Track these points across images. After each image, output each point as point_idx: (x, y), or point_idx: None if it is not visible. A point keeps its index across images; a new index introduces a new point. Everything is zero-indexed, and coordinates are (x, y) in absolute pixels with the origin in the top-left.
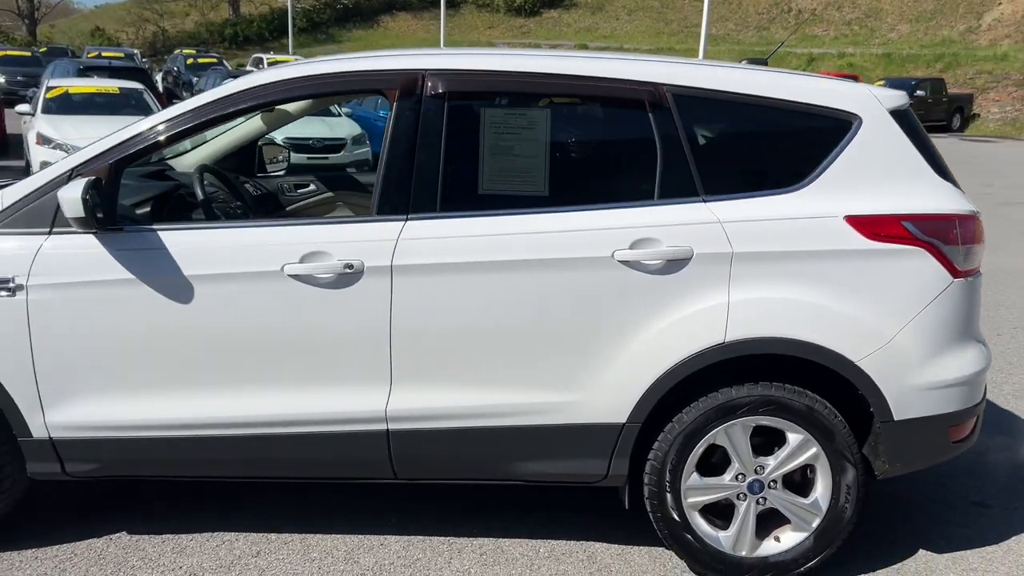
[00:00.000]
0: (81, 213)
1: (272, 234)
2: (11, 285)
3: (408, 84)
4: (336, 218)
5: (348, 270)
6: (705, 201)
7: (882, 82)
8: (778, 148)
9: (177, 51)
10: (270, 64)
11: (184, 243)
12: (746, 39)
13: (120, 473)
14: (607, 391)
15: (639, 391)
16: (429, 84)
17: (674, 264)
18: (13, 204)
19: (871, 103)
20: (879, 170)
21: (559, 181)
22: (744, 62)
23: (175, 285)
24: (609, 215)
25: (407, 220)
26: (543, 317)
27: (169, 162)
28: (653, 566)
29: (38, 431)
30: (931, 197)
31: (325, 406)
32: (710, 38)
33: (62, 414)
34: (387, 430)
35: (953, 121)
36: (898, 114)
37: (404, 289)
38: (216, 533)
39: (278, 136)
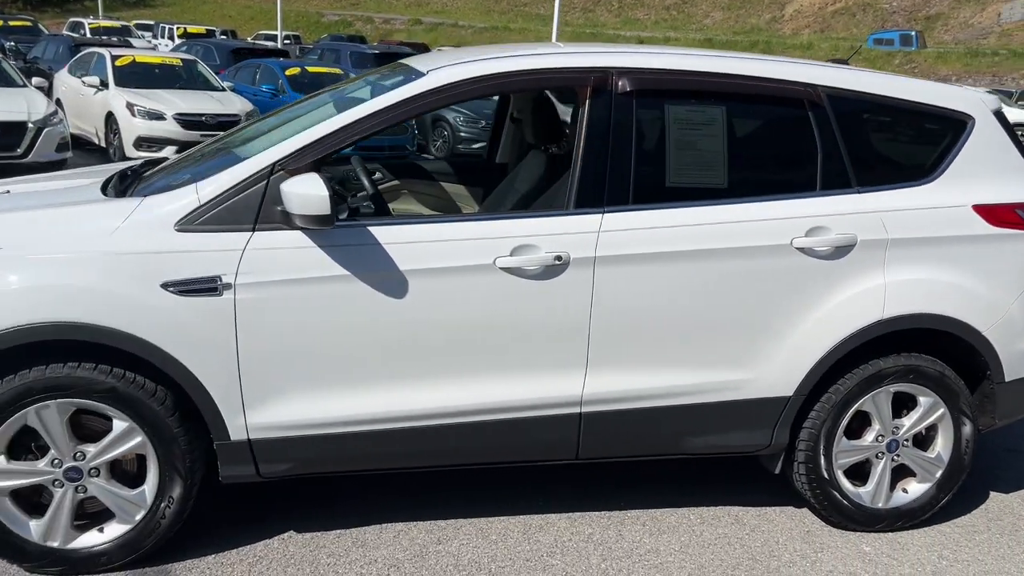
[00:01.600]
0: (326, 210)
1: (482, 228)
2: (218, 284)
3: (600, 82)
4: (537, 212)
5: (557, 262)
6: (859, 192)
7: None
8: (910, 144)
9: None
10: (92, 29)
11: (396, 238)
12: (572, 20)
13: (311, 471)
14: (778, 367)
15: (807, 366)
16: (619, 82)
17: (841, 250)
18: (212, 200)
19: (980, 105)
20: (990, 164)
21: (735, 173)
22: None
23: (388, 281)
24: (784, 205)
25: (604, 213)
26: (725, 302)
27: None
28: (792, 523)
29: (237, 433)
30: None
31: (524, 393)
32: (538, 18)
33: (263, 415)
34: (580, 413)
35: None
36: (998, 115)
37: (604, 279)
38: (385, 525)
39: (167, 111)
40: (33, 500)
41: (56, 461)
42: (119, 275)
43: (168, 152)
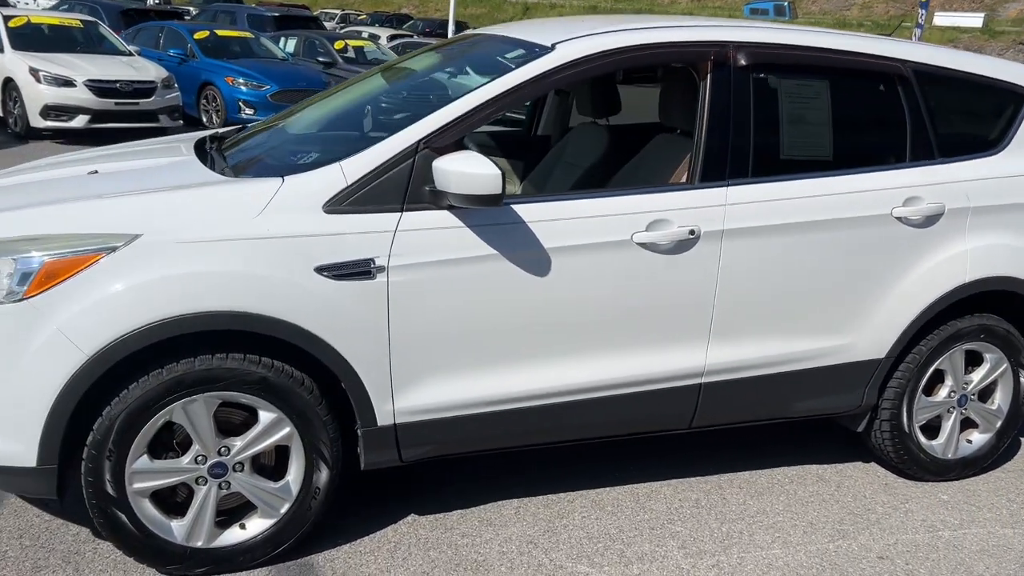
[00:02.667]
0: (497, 189)
1: (618, 204)
2: (372, 267)
3: (720, 56)
4: (666, 186)
5: (691, 236)
6: (943, 163)
7: None
8: (979, 116)
9: None
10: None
11: (538, 216)
12: None
13: (449, 452)
14: (873, 331)
15: (900, 329)
16: (737, 57)
17: (931, 219)
18: (360, 179)
19: None
20: None
21: (838, 146)
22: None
23: (532, 259)
24: (882, 177)
25: (728, 186)
26: (833, 271)
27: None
28: (868, 478)
29: (384, 418)
30: None
31: (652, 367)
32: None
33: (411, 398)
34: (700, 384)
35: None
36: None
37: (729, 251)
38: (499, 503)
39: (78, 77)
40: (167, 499)
41: (200, 458)
42: (272, 260)
43: (80, 122)
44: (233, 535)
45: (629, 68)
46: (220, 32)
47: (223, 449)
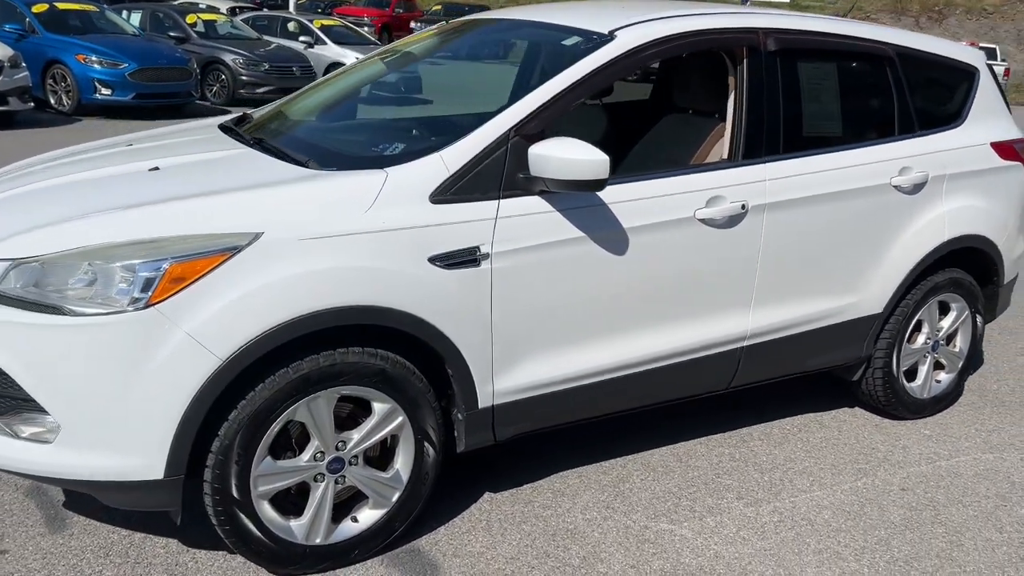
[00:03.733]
0: (604, 174)
1: (681, 183)
2: (477, 255)
3: (755, 42)
4: (714, 164)
5: (742, 210)
6: (922, 136)
7: None
8: (943, 93)
9: None
10: None
11: (617, 197)
12: None
13: (535, 429)
14: (875, 289)
15: (895, 285)
16: (767, 42)
17: (919, 186)
18: (460, 169)
19: (980, 58)
20: (991, 108)
21: (846, 122)
22: None
23: (613, 239)
24: (881, 150)
25: (765, 163)
26: (848, 236)
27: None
28: (859, 421)
29: (485, 400)
30: (1015, 128)
31: (707, 334)
32: None
33: (508, 380)
34: (743, 347)
35: None
36: (989, 67)
37: (770, 223)
38: (558, 475)
39: None
40: (278, 501)
41: (319, 454)
42: (390, 253)
43: None
44: (347, 529)
45: (680, 54)
46: (60, 5)
47: (340, 444)
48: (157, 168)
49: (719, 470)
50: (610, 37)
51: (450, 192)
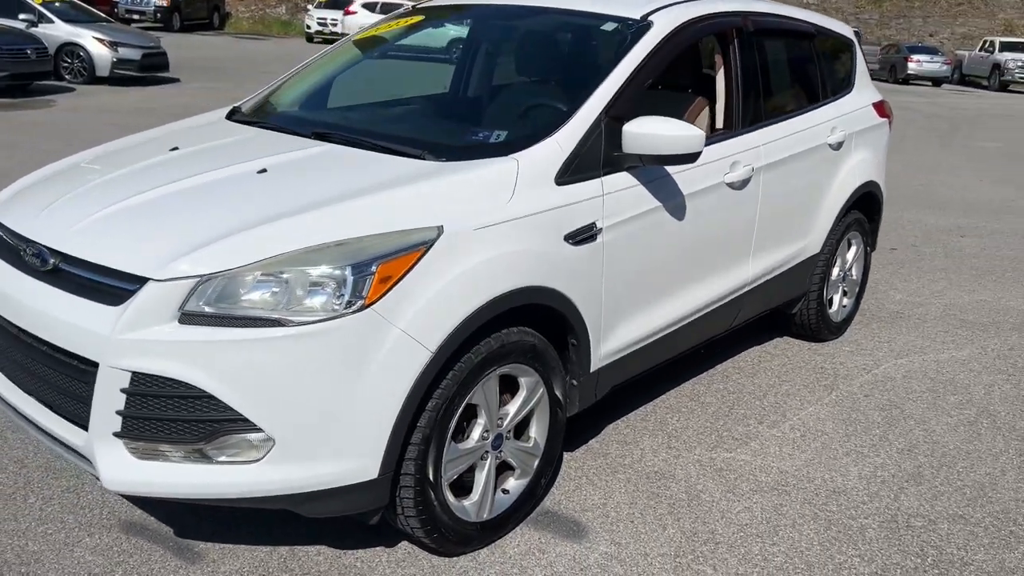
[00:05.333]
0: (700, 147)
1: (715, 151)
2: (594, 230)
3: (741, 24)
4: (729, 133)
5: (751, 173)
6: (834, 101)
7: None
8: (840, 63)
9: None
10: None
11: (672, 168)
12: None
13: (615, 384)
14: (816, 233)
15: (828, 228)
16: (748, 24)
17: (840, 144)
18: (573, 151)
19: (850, 31)
20: (863, 74)
21: (795, 93)
22: None
23: (678, 206)
24: (817, 114)
25: (758, 130)
26: (804, 190)
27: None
28: (799, 345)
29: (595, 365)
30: (876, 90)
31: (731, 281)
32: None
33: (610, 343)
34: (744, 292)
35: (214, 19)
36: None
37: (765, 182)
38: (605, 432)
39: None
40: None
41: (486, 433)
42: (539, 234)
43: None
44: (501, 501)
45: (706, 36)
46: None
47: (499, 420)
48: (265, 170)
49: (729, 402)
50: (643, 21)
51: (568, 174)
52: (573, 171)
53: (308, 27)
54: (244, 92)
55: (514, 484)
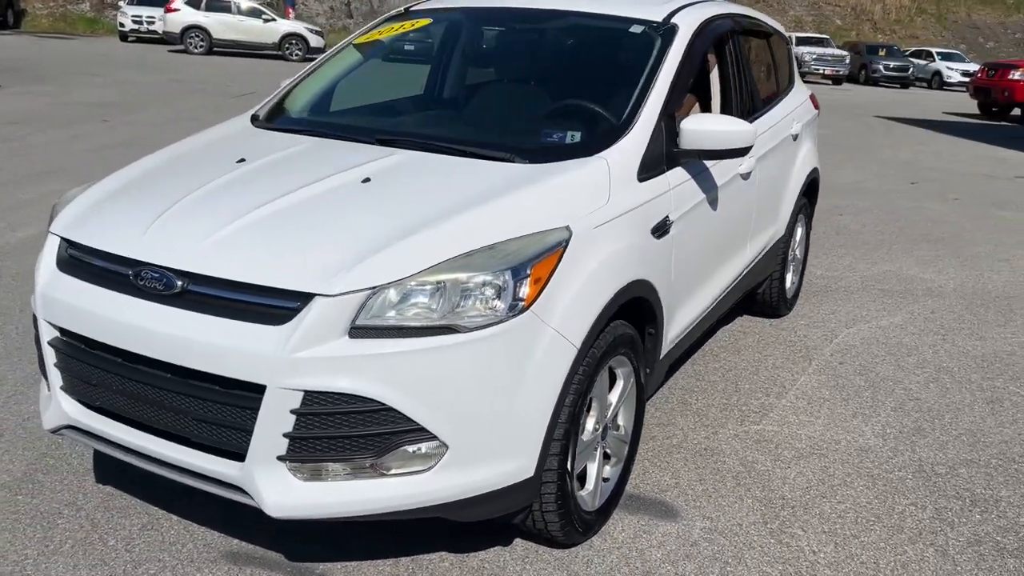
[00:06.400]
0: (753, 141)
1: None
2: (668, 223)
3: (732, 25)
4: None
5: (755, 163)
6: (788, 95)
7: None
8: (785, 59)
9: None
10: None
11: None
12: None
13: (669, 368)
14: (782, 218)
15: (790, 213)
16: (737, 25)
17: (797, 135)
18: (647, 148)
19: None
20: (797, 69)
21: (770, 87)
22: None
23: (715, 197)
24: (782, 107)
25: (755, 120)
26: (778, 178)
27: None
28: (760, 322)
29: (663, 351)
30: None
31: (739, 264)
32: None
33: (672, 329)
34: (745, 273)
35: (8, 17)
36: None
37: (759, 170)
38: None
39: None
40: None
41: (597, 425)
42: (636, 230)
43: None
44: (604, 489)
45: (713, 36)
46: None
47: (604, 411)
48: (368, 179)
49: (731, 377)
50: (668, 24)
51: (644, 171)
52: (646, 169)
53: (122, 25)
54: (80, 95)
55: (610, 471)
